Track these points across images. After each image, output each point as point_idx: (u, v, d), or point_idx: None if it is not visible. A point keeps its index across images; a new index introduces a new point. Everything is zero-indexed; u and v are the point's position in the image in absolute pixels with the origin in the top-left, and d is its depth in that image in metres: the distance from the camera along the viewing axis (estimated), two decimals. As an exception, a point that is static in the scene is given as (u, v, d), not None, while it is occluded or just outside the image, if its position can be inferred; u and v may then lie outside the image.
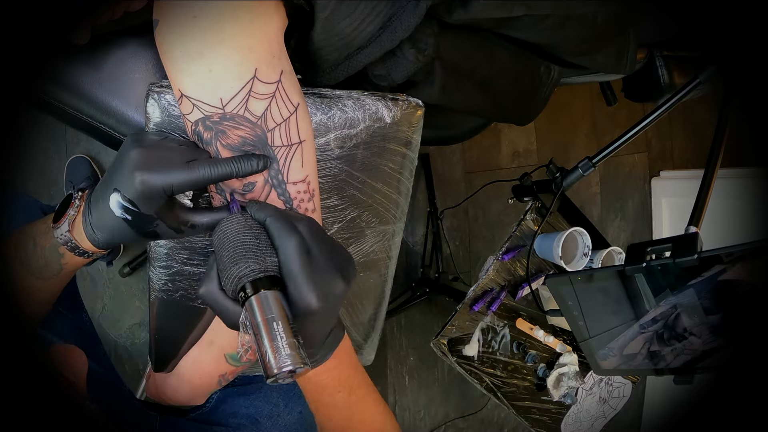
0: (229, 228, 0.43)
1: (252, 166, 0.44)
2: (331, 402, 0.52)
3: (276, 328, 0.38)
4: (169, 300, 0.59)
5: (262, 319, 0.39)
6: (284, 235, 0.42)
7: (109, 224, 0.45)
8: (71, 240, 0.47)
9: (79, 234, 0.47)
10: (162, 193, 0.43)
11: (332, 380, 0.51)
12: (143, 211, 0.43)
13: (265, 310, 0.39)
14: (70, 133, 1.34)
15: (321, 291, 0.41)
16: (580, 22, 0.62)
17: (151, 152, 0.43)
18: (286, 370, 0.37)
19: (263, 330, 0.38)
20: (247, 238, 0.42)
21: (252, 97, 0.44)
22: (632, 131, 0.86)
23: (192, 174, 0.43)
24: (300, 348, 0.38)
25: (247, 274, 0.40)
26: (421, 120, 0.60)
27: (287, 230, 0.42)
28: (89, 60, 0.59)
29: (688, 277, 0.59)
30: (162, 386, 0.65)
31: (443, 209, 1.64)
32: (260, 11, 0.44)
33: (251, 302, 0.40)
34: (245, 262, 0.40)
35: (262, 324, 0.39)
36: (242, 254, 0.41)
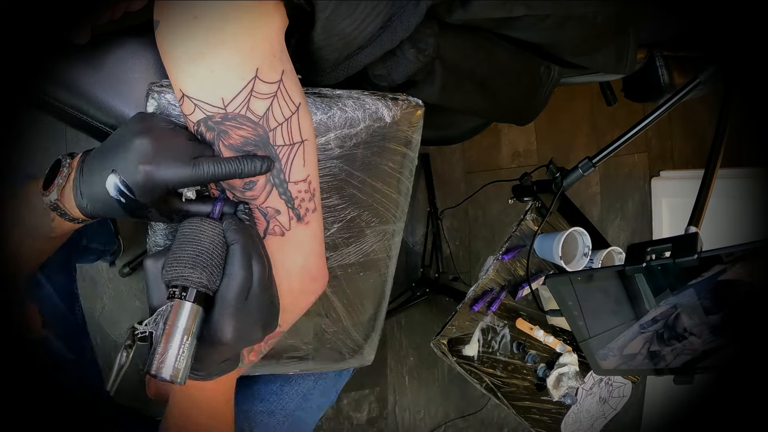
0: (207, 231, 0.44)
1: (255, 167, 0.44)
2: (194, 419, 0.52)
3: (181, 340, 0.41)
4: (169, 300, 0.59)
5: (170, 322, 0.41)
6: (237, 269, 0.43)
7: (101, 199, 0.44)
8: (60, 206, 0.47)
9: (69, 201, 0.47)
10: (164, 188, 0.43)
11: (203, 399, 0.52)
12: (139, 199, 0.43)
13: (178, 317, 0.41)
14: (70, 133, 1.34)
15: (238, 332, 0.43)
16: (580, 22, 0.62)
17: (157, 144, 0.43)
18: (162, 376, 0.40)
19: (172, 334, 0.40)
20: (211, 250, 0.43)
21: (254, 97, 0.44)
22: (632, 131, 0.86)
23: (196, 172, 0.43)
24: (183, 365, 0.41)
25: (194, 281, 0.42)
26: (421, 119, 0.60)
27: (243, 266, 0.43)
28: (89, 60, 0.59)
29: (688, 277, 0.59)
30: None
31: (443, 209, 1.64)
32: (261, 11, 0.44)
33: (179, 304, 0.41)
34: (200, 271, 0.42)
35: (175, 328, 0.41)
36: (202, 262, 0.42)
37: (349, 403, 1.61)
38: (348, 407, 1.61)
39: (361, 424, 1.63)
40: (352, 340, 0.72)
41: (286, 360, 0.70)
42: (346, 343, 0.72)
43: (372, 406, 1.64)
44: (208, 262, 0.43)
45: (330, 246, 0.63)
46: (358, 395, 1.62)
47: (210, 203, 0.47)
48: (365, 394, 1.63)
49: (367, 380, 1.63)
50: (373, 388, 1.64)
